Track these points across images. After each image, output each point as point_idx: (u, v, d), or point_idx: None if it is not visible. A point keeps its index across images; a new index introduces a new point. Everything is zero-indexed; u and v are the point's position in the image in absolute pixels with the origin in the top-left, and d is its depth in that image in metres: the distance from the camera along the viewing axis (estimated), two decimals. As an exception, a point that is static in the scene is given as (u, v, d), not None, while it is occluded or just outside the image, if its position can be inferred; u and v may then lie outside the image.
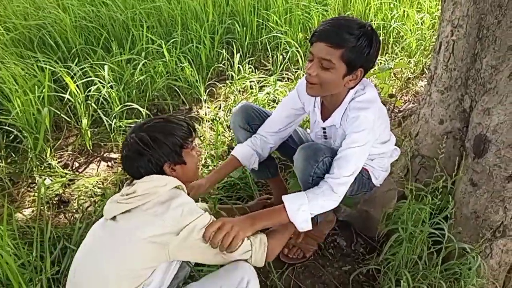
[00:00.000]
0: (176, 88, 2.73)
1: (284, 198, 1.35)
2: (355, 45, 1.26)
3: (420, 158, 1.97)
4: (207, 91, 2.85)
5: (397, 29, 3.38)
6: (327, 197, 1.33)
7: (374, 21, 3.46)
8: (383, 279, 1.59)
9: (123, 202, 1.17)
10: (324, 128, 1.55)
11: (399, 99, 2.64)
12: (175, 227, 1.13)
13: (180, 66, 2.74)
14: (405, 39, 3.30)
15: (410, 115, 2.39)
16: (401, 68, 2.93)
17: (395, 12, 3.50)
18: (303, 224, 1.33)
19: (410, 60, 3.12)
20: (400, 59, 3.13)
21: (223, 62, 3.04)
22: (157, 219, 1.13)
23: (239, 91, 2.84)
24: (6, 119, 2.20)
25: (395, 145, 1.68)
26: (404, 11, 3.56)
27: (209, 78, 2.97)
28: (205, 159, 2.28)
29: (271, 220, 1.33)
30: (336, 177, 1.35)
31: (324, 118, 1.52)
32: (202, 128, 2.59)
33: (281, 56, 3.03)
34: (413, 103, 2.74)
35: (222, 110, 2.77)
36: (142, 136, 1.21)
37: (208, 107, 2.77)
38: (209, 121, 2.66)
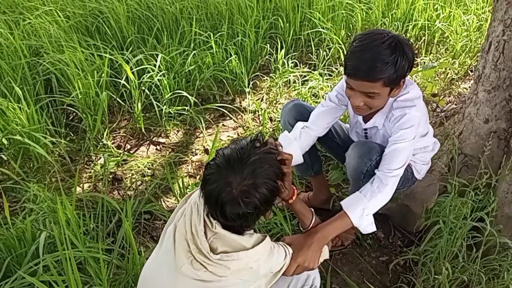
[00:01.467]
0: (222, 79, 2.84)
1: (345, 205, 1.38)
2: (394, 71, 1.27)
3: (463, 156, 1.99)
4: (251, 83, 2.95)
5: (442, 30, 3.36)
6: (382, 193, 1.38)
7: (419, 20, 3.45)
8: (421, 270, 1.64)
9: (203, 266, 1.04)
10: (365, 129, 1.61)
11: (442, 99, 2.64)
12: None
13: (227, 58, 2.84)
14: (450, 40, 3.28)
15: (453, 115, 2.40)
16: (445, 69, 2.92)
17: (440, 12, 3.47)
18: (368, 227, 1.39)
19: (454, 61, 3.10)
20: (445, 59, 3.12)
21: (266, 56, 3.13)
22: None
23: (282, 84, 2.92)
24: (67, 100, 2.37)
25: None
26: (449, 11, 3.52)
27: (253, 71, 3.07)
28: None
29: (337, 233, 1.38)
30: (387, 171, 1.40)
31: (366, 119, 1.57)
32: (245, 119, 2.69)
33: (324, 52, 3.09)
34: (455, 104, 2.73)
35: (265, 102, 2.86)
36: (256, 196, 1.03)
37: (251, 99, 2.87)
38: (251, 112, 2.75)
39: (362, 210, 1.36)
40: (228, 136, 2.61)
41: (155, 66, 2.61)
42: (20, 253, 1.41)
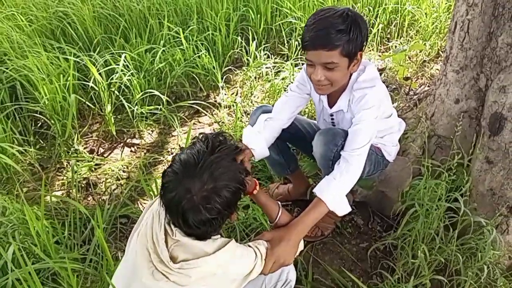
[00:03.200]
0: (194, 75, 2.79)
1: (318, 191, 1.37)
2: (349, 39, 1.29)
3: (436, 138, 2.00)
4: (224, 77, 2.91)
5: (412, 13, 3.37)
6: (349, 173, 1.38)
7: (388, 4, 3.46)
8: (400, 254, 1.65)
9: (164, 276, 1.01)
10: (332, 115, 1.60)
11: (415, 82, 2.65)
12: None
13: (198, 54, 2.79)
14: (420, 22, 3.29)
15: (426, 97, 2.41)
16: (416, 51, 2.94)
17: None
18: (344, 209, 1.39)
19: (425, 43, 3.12)
20: (415, 42, 3.13)
21: (239, 49, 3.09)
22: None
23: (255, 77, 2.89)
24: (34, 106, 2.29)
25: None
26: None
27: (225, 65, 3.03)
28: (230, 136, 2.35)
29: (315, 221, 1.36)
30: (350, 150, 1.39)
31: (331, 105, 1.57)
32: (220, 113, 2.66)
33: (296, 42, 3.06)
34: (428, 86, 2.75)
35: (239, 96, 2.83)
36: (218, 200, 0.99)
37: (225, 94, 2.83)
38: (226, 107, 2.72)
39: (336, 192, 1.36)
40: (203, 132, 2.56)
41: (124, 66, 2.55)
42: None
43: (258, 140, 1.53)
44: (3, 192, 1.95)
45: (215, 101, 2.79)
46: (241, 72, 2.97)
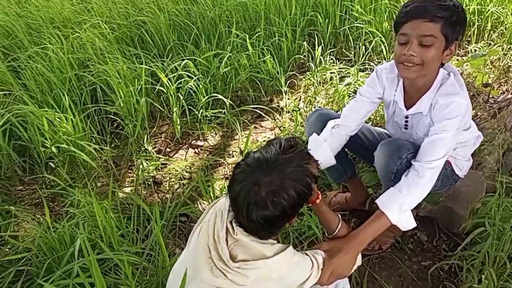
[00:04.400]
0: (257, 81, 2.83)
1: (380, 203, 1.31)
2: (451, 18, 1.23)
3: (516, 152, 1.81)
4: (288, 82, 2.91)
5: (496, 13, 3.09)
6: (418, 186, 1.29)
7: (469, 5, 3.20)
8: (466, 277, 1.51)
9: (223, 274, 1.03)
10: (406, 117, 1.50)
11: (496, 89, 2.43)
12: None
13: (263, 59, 2.83)
14: (506, 24, 3.00)
15: (508, 106, 2.20)
16: (499, 56, 2.68)
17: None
18: (408, 223, 1.32)
19: (510, 47, 2.84)
20: (499, 46, 2.87)
21: (304, 54, 3.07)
22: None
23: (319, 82, 2.85)
24: (111, 108, 2.49)
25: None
26: (506, -7, 3.23)
27: (290, 70, 3.03)
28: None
29: (375, 234, 1.31)
30: (424, 162, 1.30)
31: (407, 106, 1.48)
32: (282, 118, 2.67)
33: (363, 47, 2.97)
34: (511, 94, 2.50)
35: (302, 101, 2.81)
36: (285, 196, 1.00)
37: (288, 99, 2.84)
38: (289, 112, 2.72)
39: (399, 206, 1.28)
40: (265, 137, 2.59)
41: (190, 71, 2.67)
42: (60, 255, 1.50)
43: (323, 149, 1.51)
44: (79, 185, 2.14)
45: (278, 105, 2.81)
46: (305, 77, 2.95)
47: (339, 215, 1.32)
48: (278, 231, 1.09)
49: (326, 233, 1.36)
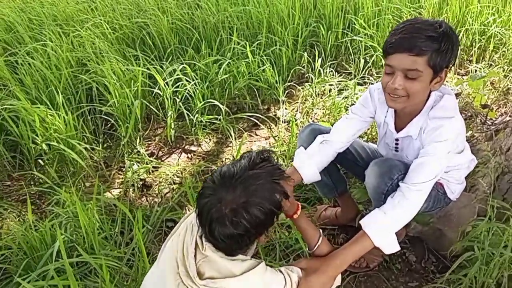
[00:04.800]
0: (256, 89, 2.82)
1: (364, 224, 1.28)
2: (439, 49, 1.19)
3: (510, 176, 1.78)
4: (286, 92, 2.89)
5: (499, 35, 3.08)
6: (403, 208, 1.26)
7: (473, 25, 3.20)
8: (452, 301, 1.48)
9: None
10: (397, 140, 1.48)
11: (494, 111, 2.41)
12: None
13: (262, 67, 2.82)
14: (508, 46, 2.99)
15: (505, 128, 2.17)
16: (499, 78, 2.67)
17: (496, 16, 3.19)
18: (391, 247, 1.28)
19: (511, 69, 2.83)
20: (500, 67, 2.85)
21: (304, 65, 3.06)
22: None
23: (318, 94, 2.83)
24: (105, 108, 2.47)
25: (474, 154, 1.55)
26: (509, 14, 3.23)
27: (289, 80, 3.02)
28: (277, 158, 2.32)
29: (357, 256, 1.27)
30: (410, 184, 1.27)
31: (398, 129, 1.45)
32: (278, 128, 2.64)
33: (363, 60, 2.96)
34: (510, 116, 2.48)
35: (299, 112, 2.79)
36: (245, 217, 0.96)
37: (285, 108, 2.82)
38: (285, 122, 2.70)
39: (383, 228, 1.25)
40: (259, 145, 2.57)
41: (190, 76, 2.65)
42: (40, 255, 1.47)
43: (309, 164, 1.48)
44: (67, 184, 2.11)
45: (275, 115, 2.79)
46: (303, 88, 2.93)
47: (321, 231, 1.28)
48: (246, 249, 1.05)
49: (307, 248, 1.32)
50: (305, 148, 1.55)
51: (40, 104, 2.32)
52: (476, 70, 2.82)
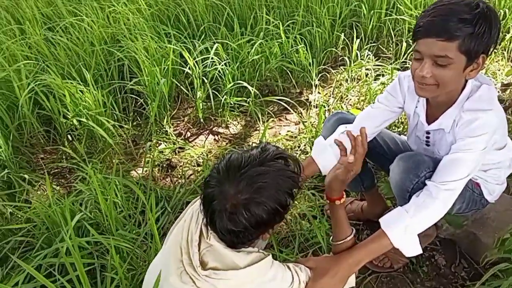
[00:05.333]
0: (288, 71, 2.71)
1: (383, 223, 1.19)
2: (473, 32, 1.04)
3: (562, 180, 1.61)
4: (320, 76, 2.77)
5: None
6: (428, 209, 1.15)
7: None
8: (482, 313, 1.36)
9: (191, 280, 0.96)
10: (428, 132, 1.35)
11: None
12: None
13: (295, 48, 2.70)
14: None
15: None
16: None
17: None
18: (412, 249, 1.18)
19: None
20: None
21: (340, 47, 2.91)
22: None
23: (353, 78, 2.69)
24: (135, 86, 2.47)
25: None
26: None
27: (324, 63, 2.88)
28: (305, 145, 2.24)
29: (373, 256, 1.19)
30: (439, 182, 1.16)
31: (430, 120, 1.32)
32: (308, 114, 2.54)
33: (405, 44, 2.76)
34: None
35: (333, 97, 2.67)
36: (245, 215, 0.91)
37: (319, 92, 2.70)
38: (317, 107, 2.59)
39: (403, 229, 1.15)
40: (289, 130, 2.49)
41: (220, 55, 2.59)
42: (59, 231, 1.50)
43: (326, 154, 1.40)
44: (94, 161, 2.15)
45: (307, 99, 2.68)
46: (338, 72, 2.79)
47: (353, 230, 1.21)
48: (249, 243, 0.99)
49: (331, 240, 1.25)
50: (320, 136, 1.47)
51: (73, 79, 2.35)
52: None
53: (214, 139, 2.47)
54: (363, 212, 1.80)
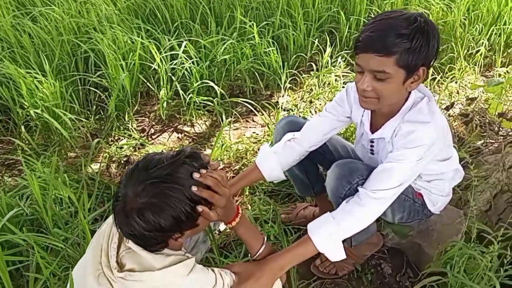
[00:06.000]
0: (259, 73, 2.69)
1: (310, 228, 1.18)
2: (410, 47, 1.04)
3: (510, 195, 1.61)
4: (292, 80, 2.75)
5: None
6: (354, 216, 1.15)
7: (508, 25, 2.92)
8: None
9: (109, 282, 0.93)
10: (372, 141, 1.34)
11: (510, 121, 2.18)
12: None
13: (267, 49, 2.68)
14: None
15: (517, 141, 1.97)
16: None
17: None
18: (336, 254, 1.16)
19: (541, 76, 2.56)
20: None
21: (313, 52, 2.90)
22: None
23: (324, 84, 2.68)
24: (99, 80, 2.42)
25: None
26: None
27: (297, 67, 2.87)
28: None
29: (297, 261, 1.16)
30: (369, 190, 1.15)
31: (373, 129, 1.32)
32: (276, 117, 2.52)
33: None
34: (528, 128, 2.24)
35: (303, 101, 2.65)
36: (137, 220, 0.87)
37: (288, 95, 2.68)
38: (285, 110, 2.57)
39: (328, 234, 1.14)
40: (254, 132, 2.46)
41: (189, 52, 2.55)
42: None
43: (270, 162, 1.38)
44: (48, 154, 2.09)
45: (277, 102, 2.66)
46: (309, 77, 2.78)
47: (265, 238, 1.17)
48: (160, 247, 0.95)
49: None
50: (265, 143, 1.46)
51: (36, 69, 2.29)
52: (500, 75, 2.57)
53: (178, 137, 2.43)
54: (315, 218, 1.78)
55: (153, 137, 2.44)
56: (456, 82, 2.74)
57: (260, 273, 1.09)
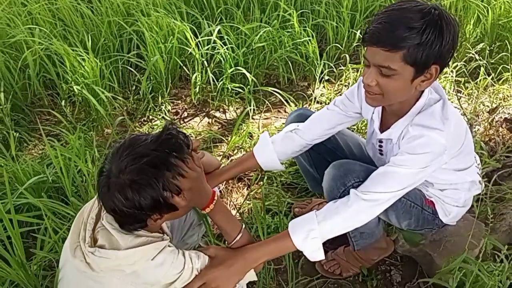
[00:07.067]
0: (294, 63, 2.64)
1: (291, 224, 1.14)
2: (420, 42, 0.96)
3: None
4: (329, 71, 2.67)
5: None
6: (338, 216, 1.09)
7: None
8: None
9: (83, 255, 0.96)
10: (380, 141, 1.27)
11: None
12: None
13: (306, 39, 2.61)
14: None
15: None
16: None
17: None
18: (314, 253, 1.12)
19: None
20: None
21: (356, 44, 2.79)
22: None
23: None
24: (140, 61, 2.52)
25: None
26: None
27: (337, 58, 2.78)
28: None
29: (272, 256, 1.13)
30: (362, 190, 1.10)
31: (383, 128, 1.24)
32: (310, 108, 2.47)
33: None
34: None
35: (340, 94, 2.56)
36: (124, 194, 0.90)
37: (324, 87, 2.61)
38: (318, 103, 2.51)
39: (307, 232, 1.09)
40: (283, 124, 2.43)
41: (226, 39, 2.56)
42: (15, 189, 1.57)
43: (267, 151, 1.36)
44: (84, 129, 2.23)
45: (313, 93, 2.60)
46: (348, 70, 2.68)
47: (243, 226, 1.14)
48: (139, 226, 0.97)
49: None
50: (266, 131, 1.43)
51: (77, 47, 2.42)
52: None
53: (208, 123, 2.47)
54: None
55: (185, 120, 2.50)
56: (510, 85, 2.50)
57: (232, 261, 1.07)
